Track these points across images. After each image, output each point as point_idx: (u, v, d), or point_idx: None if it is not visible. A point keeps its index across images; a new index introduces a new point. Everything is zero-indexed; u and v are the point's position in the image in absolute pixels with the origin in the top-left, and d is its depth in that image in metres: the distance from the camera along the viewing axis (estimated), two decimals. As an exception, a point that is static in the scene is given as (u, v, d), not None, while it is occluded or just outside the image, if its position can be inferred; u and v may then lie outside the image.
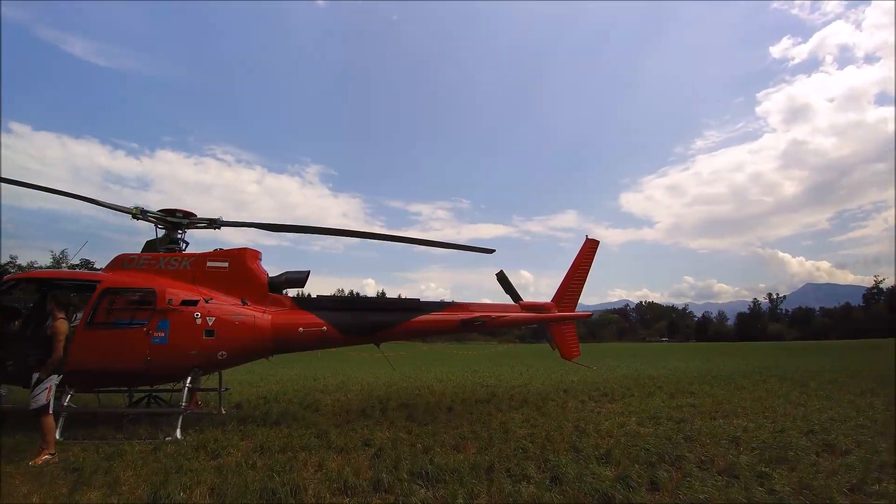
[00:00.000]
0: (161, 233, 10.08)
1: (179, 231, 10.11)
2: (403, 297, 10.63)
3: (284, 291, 10.24)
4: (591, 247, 11.98)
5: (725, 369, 23.06)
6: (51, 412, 6.67)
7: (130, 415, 9.05)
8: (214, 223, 10.09)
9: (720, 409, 10.72)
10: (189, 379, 8.60)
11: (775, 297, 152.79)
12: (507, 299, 11.61)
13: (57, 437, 7.52)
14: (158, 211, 9.80)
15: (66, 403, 8.02)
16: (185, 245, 10.17)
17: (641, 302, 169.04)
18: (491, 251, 11.04)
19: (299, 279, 10.06)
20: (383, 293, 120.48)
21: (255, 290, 9.65)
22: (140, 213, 9.47)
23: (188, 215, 9.98)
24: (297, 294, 10.32)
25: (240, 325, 9.07)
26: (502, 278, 11.52)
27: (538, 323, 11.62)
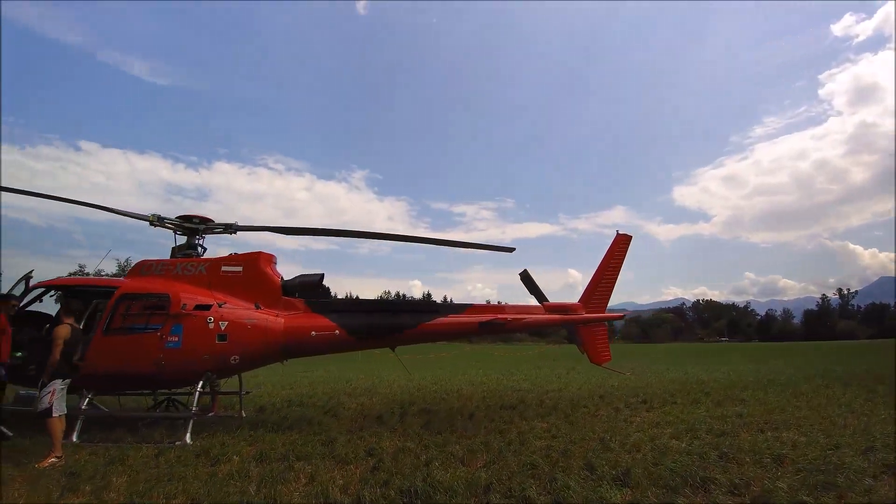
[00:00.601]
0: (182, 239, 10.23)
1: (198, 237, 10.24)
2: (450, 298, 10.11)
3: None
4: (622, 242, 11.13)
5: (786, 372, 21.12)
6: (55, 415, 6.77)
7: (146, 419, 9.22)
8: (230, 228, 10.14)
9: (770, 421, 9.61)
10: (200, 383, 8.64)
11: (846, 292, 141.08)
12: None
13: (74, 439, 7.76)
14: (176, 218, 9.96)
15: (83, 406, 8.25)
16: (203, 250, 10.29)
17: (699, 300, 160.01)
18: (511, 250, 10.48)
19: (313, 282, 9.95)
20: (429, 295, 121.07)
21: (269, 294, 9.60)
22: (157, 221, 9.65)
23: (205, 221, 10.08)
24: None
25: (252, 329, 9.04)
26: (526, 278, 10.92)
27: (564, 325, 10.91)
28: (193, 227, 10.00)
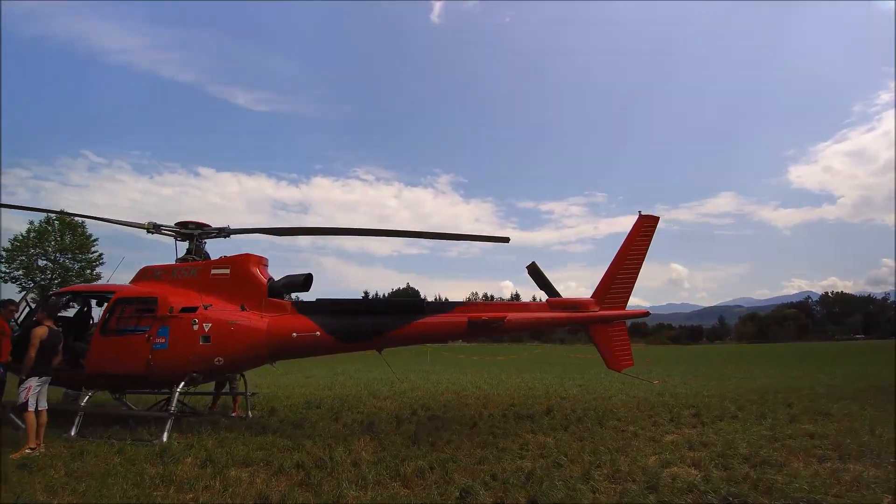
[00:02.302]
0: (183, 246, 10.51)
1: (198, 242, 10.43)
2: (538, 300, 9.51)
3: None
4: (646, 225, 9.37)
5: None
6: (30, 409, 7.16)
7: (134, 416, 9.51)
8: (223, 232, 10.23)
9: (842, 446, 7.41)
10: (180, 384, 8.70)
11: None
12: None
13: (72, 434, 8.21)
14: (174, 224, 10.23)
15: (83, 403, 8.68)
16: (203, 255, 10.48)
17: (827, 293, 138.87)
18: (506, 240, 9.31)
19: (298, 282, 9.65)
20: (517, 296, 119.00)
21: (255, 296, 9.46)
22: (153, 228, 9.97)
23: (200, 226, 10.25)
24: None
25: (235, 331, 8.96)
26: (534, 271, 9.64)
27: (573, 324, 9.43)
28: (189, 232, 10.21)
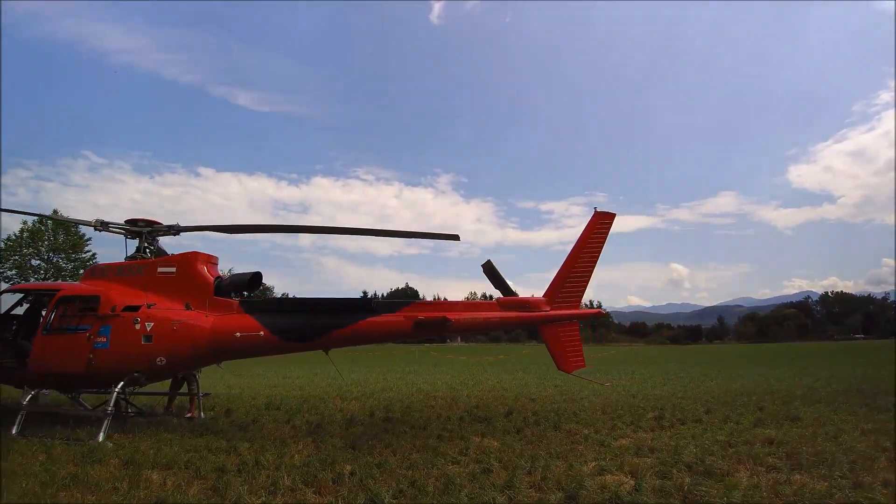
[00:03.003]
0: (135, 244, 10.28)
1: (148, 239, 10.21)
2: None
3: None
4: (601, 222, 9.08)
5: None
6: None
7: (76, 416, 9.30)
8: (173, 229, 10.01)
9: (796, 455, 7.11)
10: (119, 385, 8.49)
11: None
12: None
13: (14, 432, 8.11)
14: (125, 221, 10.02)
15: (24, 402, 8.52)
16: (151, 253, 10.25)
17: (827, 293, 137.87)
18: (456, 237, 9.04)
19: (243, 281, 9.43)
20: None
21: (201, 294, 9.23)
22: (101, 226, 9.76)
23: (150, 223, 10.03)
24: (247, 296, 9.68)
25: (176, 331, 8.76)
26: (489, 269, 9.37)
27: (523, 324, 9.16)
28: (138, 230, 9.99)
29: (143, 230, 10.00)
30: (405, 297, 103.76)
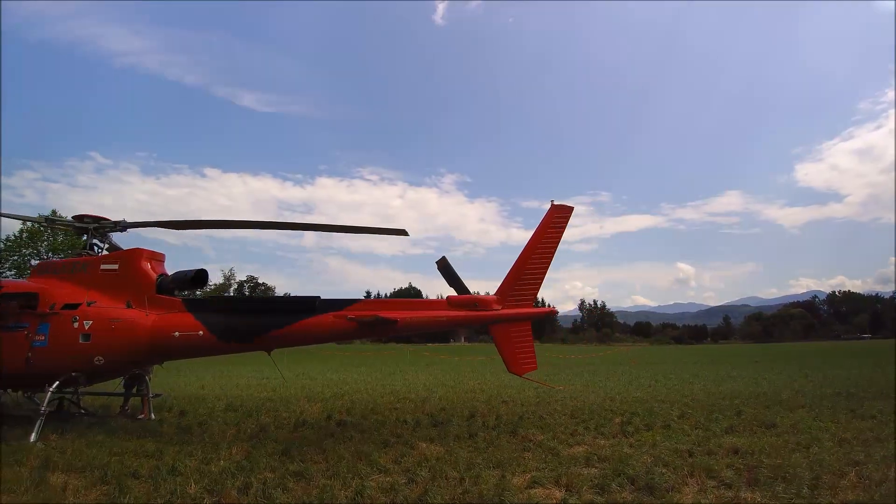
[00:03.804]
0: (90, 240, 9.98)
1: (96, 235, 9.92)
2: (548, 302, 8.70)
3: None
4: (558, 216, 8.62)
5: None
6: None
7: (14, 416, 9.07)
8: (119, 225, 9.71)
9: (756, 467, 6.61)
10: (55, 384, 8.21)
11: None
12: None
13: None
14: (71, 217, 9.75)
15: None
16: (99, 249, 9.96)
17: (834, 292, 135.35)
18: (404, 233, 8.64)
19: (187, 278, 9.08)
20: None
21: (142, 292, 8.92)
22: (46, 222, 9.50)
23: (97, 219, 9.75)
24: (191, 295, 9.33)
25: (115, 330, 8.46)
26: (443, 266, 8.97)
27: (472, 324, 8.72)
28: (84, 226, 9.71)
29: (90, 226, 9.73)
30: (408, 296, 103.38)
